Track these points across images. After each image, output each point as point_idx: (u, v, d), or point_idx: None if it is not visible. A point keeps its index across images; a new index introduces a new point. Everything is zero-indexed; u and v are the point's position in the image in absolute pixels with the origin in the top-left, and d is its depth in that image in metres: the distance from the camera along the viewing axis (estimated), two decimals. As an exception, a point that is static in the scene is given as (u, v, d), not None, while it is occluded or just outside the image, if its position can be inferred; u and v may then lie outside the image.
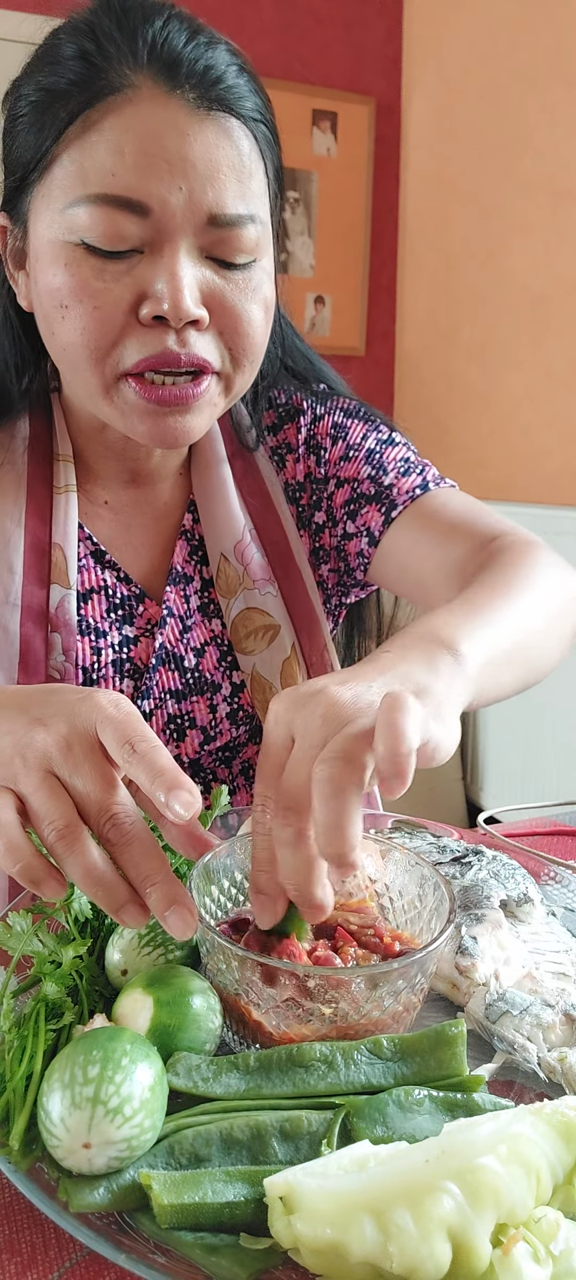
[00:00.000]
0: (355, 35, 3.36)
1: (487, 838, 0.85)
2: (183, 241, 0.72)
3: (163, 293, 0.71)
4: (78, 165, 0.71)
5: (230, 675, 0.91)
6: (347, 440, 0.95)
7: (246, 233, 0.74)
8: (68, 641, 0.83)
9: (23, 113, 0.75)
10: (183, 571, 0.91)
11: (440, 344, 3.38)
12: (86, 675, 0.85)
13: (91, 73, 0.71)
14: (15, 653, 0.82)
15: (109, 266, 0.71)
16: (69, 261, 0.72)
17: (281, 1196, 0.42)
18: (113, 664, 0.86)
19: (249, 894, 0.58)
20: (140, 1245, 0.43)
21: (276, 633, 0.91)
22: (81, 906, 0.58)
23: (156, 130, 0.70)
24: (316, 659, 0.93)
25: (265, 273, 0.78)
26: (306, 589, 0.94)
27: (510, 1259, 0.40)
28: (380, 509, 0.91)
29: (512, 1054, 0.56)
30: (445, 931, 0.55)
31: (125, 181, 0.70)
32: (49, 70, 0.73)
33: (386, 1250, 0.40)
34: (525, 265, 2.92)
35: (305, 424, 0.96)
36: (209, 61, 0.72)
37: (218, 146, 0.72)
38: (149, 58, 0.71)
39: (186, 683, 0.89)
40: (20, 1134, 0.46)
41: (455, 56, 3.21)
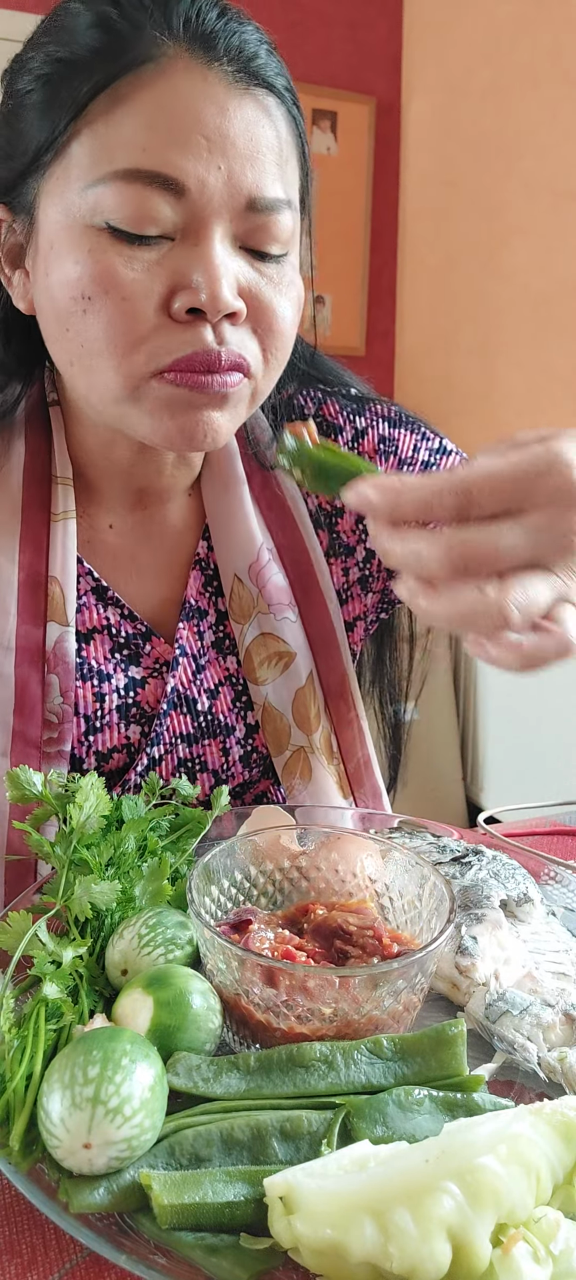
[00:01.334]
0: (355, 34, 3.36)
1: (487, 838, 0.84)
2: (219, 227, 0.66)
3: (199, 283, 0.65)
4: (102, 141, 0.64)
5: (244, 716, 0.86)
6: (399, 454, 0.89)
7: (283, 219, 0.69)
8: (66, 683, 0.77)
9: (28, 89, 0.68)
10: (196, 605, 0.85)
11: (440, 344, 3.38)
12: (89, 723, 0.80)
13: (116, 41, 0.64)
14: (10, 696, 0.76)
15: (138, 254, 0.65)
16: (93, 248, 0.65)
17: (281, 1197, 0.42)
18: (118, 709, 0.80)
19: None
20: (141, 1246, 0.43)
21: (291, 661, 0.85)
22: (81, 906, 0.58)
23: (194, 104, 0.64)
24: (335, 685, 0.89)
25: (295, 269, 0.74)
26: (328, 614, 0.88)
27: (510, 1259, 0.40)
28: None
29: (512, 1054, 0.56)
30: (445, 931, 0.55)
31: (159, 156, 0.63)
32: (62, 40, 0.66)
33: (386, 1250, 0.40)
34: (526, 265, 2.92)
35: (345, 444, 0.89)
36: (244, 36, 0.67)
37: (257, 124, 0.67)
38: (184, 28, 0.65)
39: (199, 726, 0.83)
40: (20, 1134, 0.46)
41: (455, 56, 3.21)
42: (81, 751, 0.80)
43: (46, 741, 0.77)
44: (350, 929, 0.61)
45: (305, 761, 0.86)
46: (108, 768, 0.81)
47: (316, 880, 0.67)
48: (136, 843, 0.65)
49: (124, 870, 0.63)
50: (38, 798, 0.65)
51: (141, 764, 0.81)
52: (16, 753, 0.76)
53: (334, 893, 0.66)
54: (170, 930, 0.57)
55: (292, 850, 0.67)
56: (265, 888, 0.66)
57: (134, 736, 0.82)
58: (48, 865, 0.72)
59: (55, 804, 0.65)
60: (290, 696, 0.86)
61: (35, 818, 0.66)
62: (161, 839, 0.69)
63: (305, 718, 0.86)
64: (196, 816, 0.72)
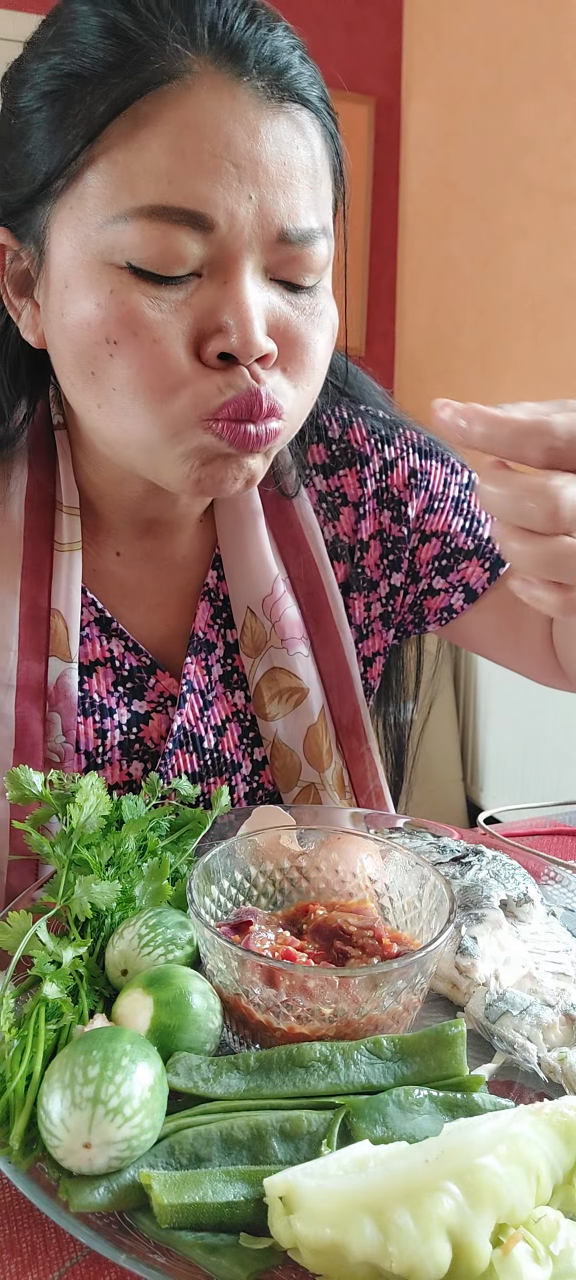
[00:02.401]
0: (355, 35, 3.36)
1: (487, 838, 0.85)
2: (249, 260, 0.61)
3: (230, 326, 0.61)
4: (122, 170, 0.59)
5: (251, 753, 0.83)
6: (430, 490, 0.86)
7: (317, 250, 0.64)
8: (68, 721, 0.75)
9: (35, 107, 0.62)
10: (204, 638, 0.82)
11: (440, 345, 3.38)
12: (90, 760, 0.77)
13: (134, 54, 0.58)
14: (10, 735, 0.73)
15: (164, 294, 0.60)
16: (115, 289, 0.60)
17: (281, 1196, 0.42)
18: (120, 745, 0.78)
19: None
20: (140, 1245, 0.43)
21: (303, 697, 0.82)
22: (81, 906, 0.58)
23: (222, 125, 0.58)
24: (347, 721, 0.86)
25: (327, 293, 0.69)
26: (342, 648, 0.85)
27: (510, 1259, 0.40)
28: (483, 564, 0.85)
29: (512, 1054, 0.56)
30: (445, 931, 0.55)
31: (185, 189, 0.58)
32: (70, 50, 0.60)
33: (386, 1250, 0.40)
34: (525, 267, 2.92)
35: (371, 475, 0.86)
36: (274, 44, 0.61)
37: (291, 145, 0.61)
38: (210, 38, 0.59)
39: (205, 764, 0.81)
40: (20, 1134, 0.46)
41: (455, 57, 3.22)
42: None
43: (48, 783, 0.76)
44: (350, 929, 0.61)
45: (315, 798, 0.85)
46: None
47: (316, 880, 0.67)
48: (136, 843, 0.65)
49: (124, 870, 0.63)
50: (38, 798, 0.65)
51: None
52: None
53: (334, 893, 0.66)
54: (170, 930, 0.57)
55: (293, 850, 0.67)
56: (265, 888, 0.66)
57: (136, 773, 0.79)
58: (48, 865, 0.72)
59: (55, 804, 0.65)
60: (301, 733, 0.83)
61: (35, 818, 0.66)
62: (161, 839, 0.69)
63: (317, 755, 0.84)
64: (196, 816, 0.72)
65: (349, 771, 0.87)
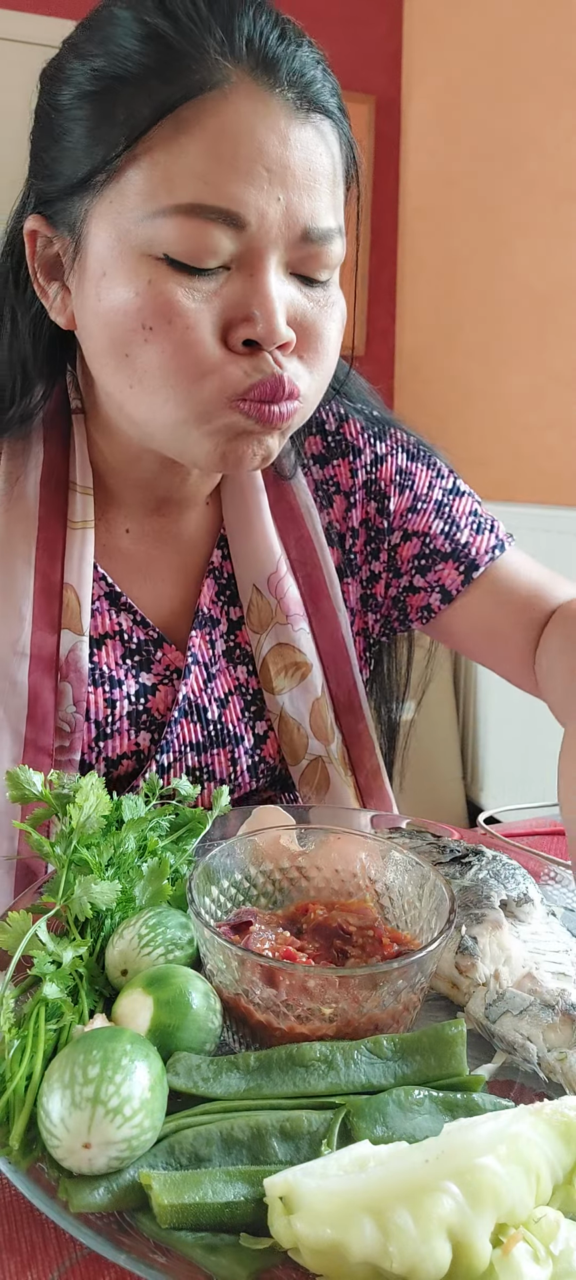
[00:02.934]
0: (355, 33, 3.36)
1: (487, 838, 0.85)
2: (273, 257, 0.66)
3: (257, 316, 0.66)
4: (162, 170, 0.63)
5: (253, 726, 0.86)
6: (415, 490, 0.91)
7: (333, 248, 0.70)
8: (78, 691, 0.77)
9: (75, 106, 0.66)
10: (209, 614, 0.85)
11: (440, 343, 3.38)
12: (99, 729, 0.80)
13: (174, 60, 0.62)
14: (23, 704, 0.76)
15: (198, 284, 0.65)
16: (153, 278, 0.65)
17: (281, 1196, 0.42)
18: (128, 716, 0.81)
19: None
20: (140, 1245, 0.43)
21: (308, 671, 0.86)
22: (81, 906, 0.58)
23: (257, 133, 0.63)
24: (345, 699, 0.90)
25: (338, 286, 0.74)
26: (340, 628, 0.89)
27: (510, 1259, 0.40)
28: (458, 567, 0.89)
29: (512, 1054, 0.56)
30: (445, 931, 0.55)
31: (221, 190, 0.63)
32: (108, 54, 0.64)
33: (386, 1250, 0.40)
34: (527, 265, 2.92)
35: (363, 466, 0.90)
36: (303, 59, 0.66)
37: (315, 152, 0.67)
38: (248, 51, 0.63)
39: (208, 735, 0.84)
40: (20, 1134, 0.46)
41: (456, 54, 3.21)
42: (91, 758, 0.80)
43: (58, 750, 0.78)
44: (350, 929, 0.61)
45: (323, 772, 0.87)
46: (116, 774, 0.82)
47: (316, 880, 0.67)
48: (136, 843, 0.65)
49: (124, 870, 0.63)
50: (38, 798, 0.65)
51: (150, 771, 0.81)
52: (28, 760, 0.76)
53: (334, 893, 0.66)
54: (170, 930, 0.57)
55: (293, 850, 0.67)
56: (265, 888, 0.66)
57: (144, 743, 0.82)
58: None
59: (55, 804, 0.65)
60: (307, 707, 0.86)
61: (35, 818, 0.66)
62: (161, 839, 0.69)
63: (322, 728, 0.87)
64: (196, 816, 0.72)
65: (347, 748, 0.90)
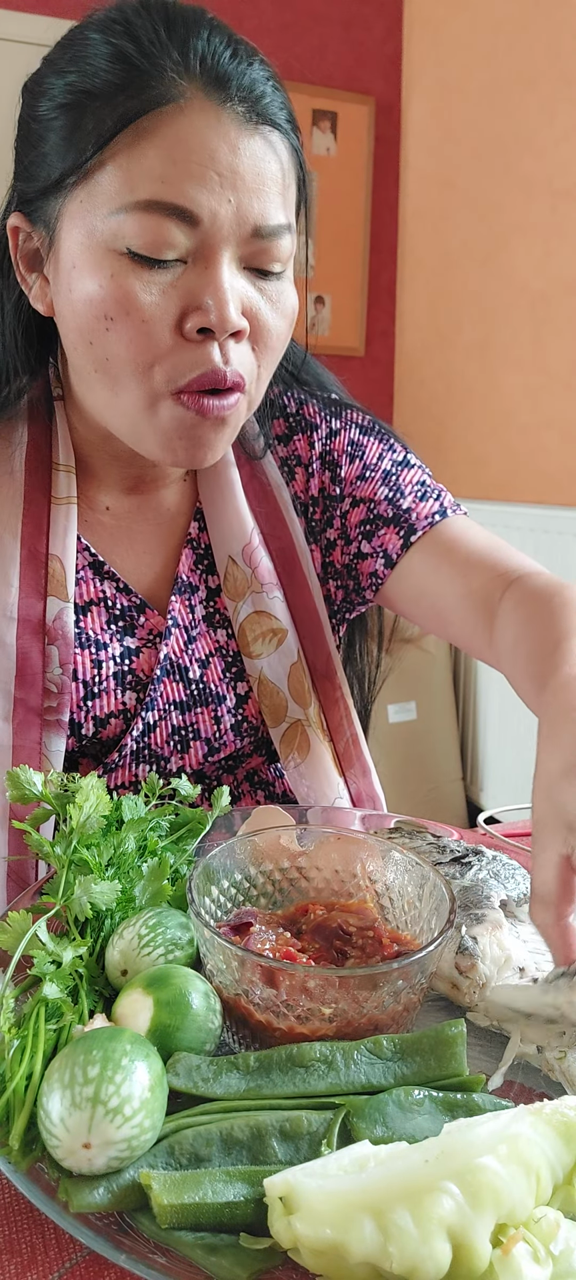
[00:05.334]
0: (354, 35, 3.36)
1: (487, 838, 0.85)
2: (226, 252, 0.72)
3: (209, 306, 0.71)
4: (124, 172, 0.70)
5: (235, 686, 0.90)
6: (364, 460, 0.95)
7: (283, 243, 0.75)
8: (64, 654, 0.82)
9: (52, 116, 0.73)
10: (188, 581, 0.90)
11: (439, 344, 3.38)
12: (87, 689, 0.84)
13: (136, 78, 0.70)
14: (12, 665, 0.81)
15: (155, 277, 0.71)
16: (115, 272, 0.71)
17: (281, 1196, 0.42)
18: (114, 676, 0.85)
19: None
20: (140, 1245, 0.43)
21: (284, 637, 0.91)
22: (81, 906, 0.58)
23: (209, 142, 0.70)
24: (321, 665, 0.94)
25: (290, 282, 0.79)
26: (312, 595, 0.93)
27: (510, 1259, 0.40)
28: (398, 532, 0.92)
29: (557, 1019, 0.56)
30: (445, 931, 0.55)
31: (177, 189, 0.69)
32: (80, 71, 0.72)
33: (386, 1250, 0.40)
34: (524, 265, 2.92)
35: (319, 439, 0.96)
36: (252, 76, 0.73)
37: (264, 159, 0.73)
38: (200, 69, 0.70)
39: (191, 694, 0.88)
40: (20, 1134, 0.46)
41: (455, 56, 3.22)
42: (80, 716, 0.84)
43: (46, 710, 0.82)
44: (350, 929, 0.61)
45: (303, 735, 0.92)
46: (105, 734, 0.85)
47: (316, 880, 0.67)
48: (136, 843, 0.65)
49: (124, 870, 0.63)
50: (38, 798, 0.65)
51: (137, 729, 0.85)
52: (18, 719, 0.81)
53: (334, 893, 0.66)
54: (170, 930, 0.57)
55: (293, 850, 0.67)
56: (265, 888, 0.66)
57: (130, 702, 0.86)
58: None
59: (55, 804, 0.65)
60: (285, 671, 0.91)
61: (35, 818, 0.66)
62: (161, 839, 0.69)
63: (300, 692, 0.92)
64: (196, 816, 0.72)
65: (325, 714, 0.94)
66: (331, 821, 0.84)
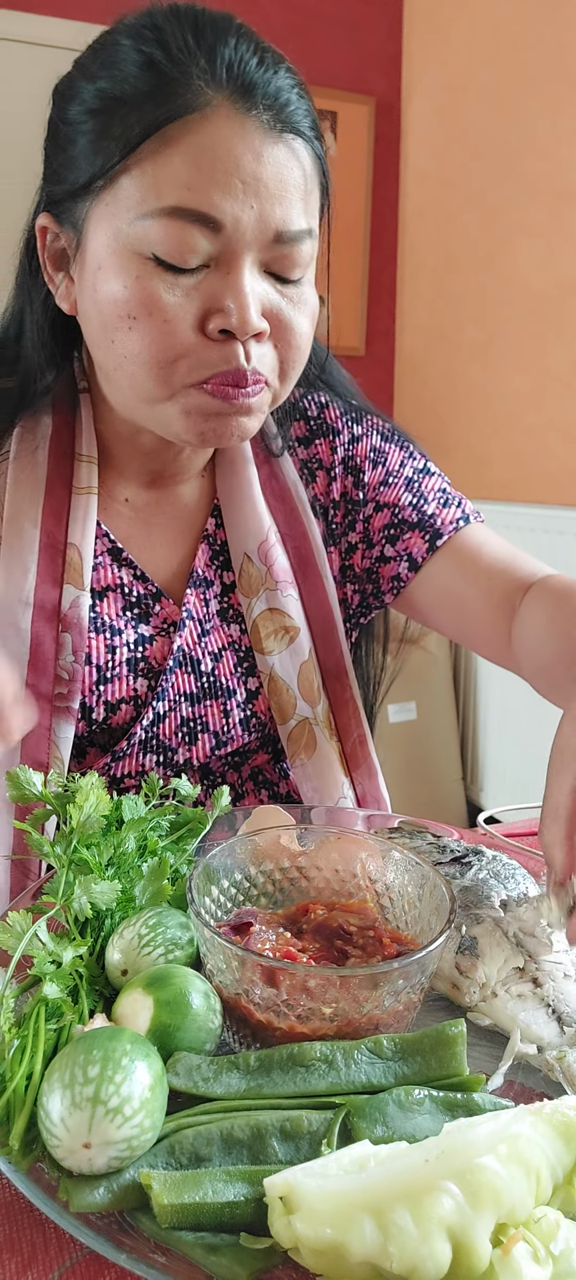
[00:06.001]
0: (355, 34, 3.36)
1: (487, 838, 0.85)
2: (248, 257, 0.74)
3: (231, 308, 0.73)
4: (151, 178, 0.71)
5: (245, 681, 0.91)
6: (387, 466, 0.97)
7: (304, 248, 0.77)
8: (77, 642, 0.83)
9: (80, 120, 0.75)
10: (203, 575, 0.92)
11: (440, 344, 3.38)
12: (100, 673, 0.85)
13: (164, 85, 0.71)
14: (25, 650, 0.82)
15: (179, 280, 0.73)
16: (140, 274, 0.73)
17: (281, 1196, 0.42)
18: (127, 662, 0.87)
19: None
20: (140, 1245, 0.43)
21: (296, 635, 0.92)
22: (82, 906, 0.58)
23: (233, 150, 0.71)
24: (332, 665, 0.95)
25: (311, 285, 0.81)
26: (327, 595, 0.95)
27: (510, 1259, 0.40)
28: (424, 536, 0.94)
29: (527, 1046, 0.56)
30: (445, 931, 0.55)
31: (201, 196, 0.71)
32: (111, 76, 0.73)
33: (386, 1250, 0.40)
34: (526, 266, 2.92)
35: (341, 444, 0.98)
36: (278, 84, 0.74)
37: (287, 166, 0.74)
38: (227, 77, 0.72)
39: (202, 687, 0.89)
40: (20, 1134, 0.46)
41: (456, 56, 3.21)
42: (92, 700, 0.85)
43: (56, 696, 0.83)
44: (350, 929, 0.61)
45: (310, 733, 0.93)
46: (115, 719, 0.86)
47: (316, 880, 0.67)
48: (136, 843, 0.65)
49: (124, 870, 0.63)
50: (38, 798, 0.65)
51: (147, 718, 0.86)
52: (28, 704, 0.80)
53: (334, 893, 0.66)
54: (170, 930, 0.57)
55: (293, 850, 0.67)
56: (265, 888, 0.66)
57: (141, 689, 0.87)
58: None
59: (55, 804, 0.65)
60: (295, 669, 0.92)
61: (35, 818, 0.66)
62: (161, 839, 0.69)
63: (310, 691, 0.93)
64: (196, 816, 0.72)
65: (333, 713, 0.95)
66: (334, 821, 0.84)
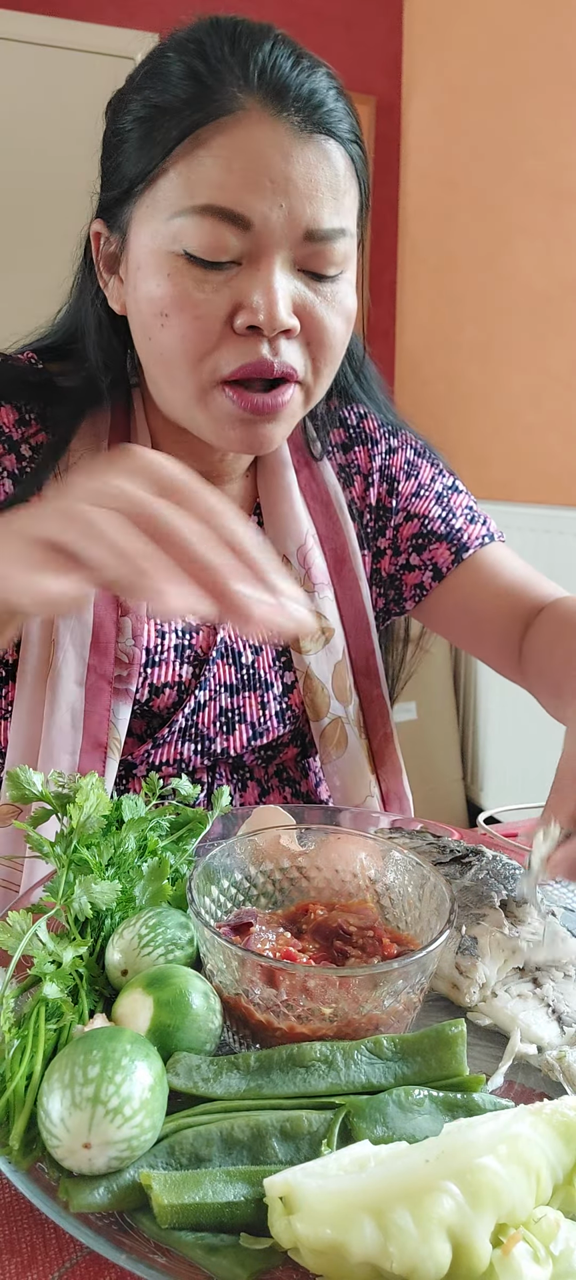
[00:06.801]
0: (355, 34, 3.36)
1: (487, 838, 0.85)
2: (279, 255, 0.75)
3: (259, 305, 0.75)
4: (184, 179, 0.74)
5: (282, 675, 0.95)
6: (419, 479, 1.02)
7: (338, 246, 0.78)
8: (136, 627, 0.87)
9: (129, 128, 0.78)
10: None
11: (441, 344, 3.38)
12: (149, 656, 0.89)
13: (202, 92, 0.74)
14: (88, 632, 0.85)
15: (209, 277, 0.75)
16: (172, 272, 0.75)
17: (281, 1196, 0.42)
18: (175, 649, 0.90)
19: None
20: (140, 1245, 0.43)
21: (331, 635, 0.95)
22: (81, 906, 0.58)
23: (263, 151, 0.73)
24: (363, 664, 0.98)
25: (349, 284, 0.82)
26: (361, 596, 0.98)
27: (510, 1259, 0.40)
28: (450, 548, 0.99)
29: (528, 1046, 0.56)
30: (445, 931, 0.55)
31: (231, 195, 0.73)
32: (158, 88, 0.76)
33: (386, 1250, 0.40)
34: (526, 265, 2.92)
35: (379, 453, 1.02)
36: (312, 85, 0.76)
37: (317, 166, 0.75)
38: (259, 81, 0.74)
39: (241, 678, 0.93)
40: (20, 1134, 0.46)
41: (456, 55, 3.21)
42: (137, 682, 0.87)
43: (116, 678, 0.86)
44: (350, 929, 0.61)
45: (342, 732, 0.96)
46: (157, 703, 0.90)
47: (316, 880, 0.67)
48: (136, 843, 0.65)
49: (124, 870, 0.63)
50: (38, 798, 0.65)
51: (189, 705, 0.89)
52: (91, 684, 0.85)
53: (334, 893, 0.66)
54: (170, 930, 0.57)
55: (293, 850, 0.67)
56: (265, 888, 0.66)
57: (185, 676, 0.91)
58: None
59: (55, 804, 0.65)
60: (330, 669, 0.95)
61: (35, 818, 0.66)
62: (161, 839, 0.69)
63: (343, 690, 0.96)
64: (196, 816, 0.72)
65: (363, 711, 0.98)
66: (331, 821, 0.84)
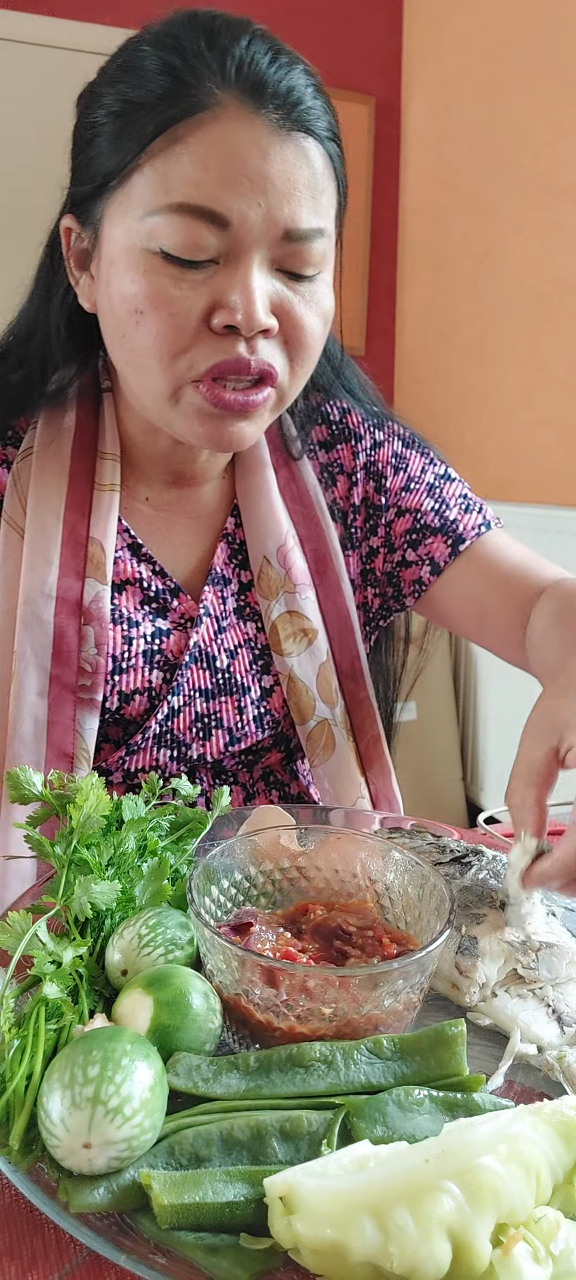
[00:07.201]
0: (354, 34, 3.36)
1: (487, 838, 0.85)
2: (256, 254, 0.74)
3: (236, 304, 0.73)
4: (160, 176, 0.72)
5: (260, 679, 0.93)
6: (408, 471, 0.99)
7: (316, 246, 0.77)
8: (100, 635, 0.85)
9: (102, 122, 0.76)
10: (222, 573, 0.93)
11: (439, 342, 3.38)
12: (115, 663, 0.86)
13: (178, 88, 0.72)
14: (49, 642, 0.84)
15: (187, 275, 0.74)
16: (147, 269, 0.74)
17: (281, 1196, 0.42)
18: (143, 654, 0.88)
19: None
20: (141, 1246, 0.43)
21: (314, 637, 0.93)
22: (81, 906, 0.58)
23: (241, 148, 0.72)
24: (348, 666, 0.96)
25: (326, 284, 0.81)
26: (344, 598, 0.96)
27: (510, 1259, 0.40)
28: (446, 541, 0.96)
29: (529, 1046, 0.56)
30: (445, 931, 0.55)
31: (208, 193, 0.72)
32: (132, 82, 0.74)
33: (386, 1250, 0.40)
34: (523, 264, 2.92)
35: (363, 449, 0.99)
36: (290, 83, 0.74)
37: (296, 165, 0.74)
38: (236, 77, 0.72)
39: (217, 683, 0.90)
40: (20, 1134, 0.46)
41: (454, 55, 3.21)
42: (106, 690, 0.86)
43: (80, 688, 0.84)
44: (350, 929, 0.61)
45: (329, 734, 0.94)
46: (128, 710, 0.87)
47: (316, 880, 0.67)
48: (136, 843, 0.65)
49: (124, 870, 0.63)
50: (38, 798, 0.65)
51: (162, 712, 0.87)
52: (53, 695, 0.83)
53: (334, 893, 0.66)
54: (170, 930, 0.57)
55: (293, 850, 0.67)
56: (265, 888, 0.66)
57: (156, 682, 0.88)
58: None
59: (55, 804, 0.65)
60: (314, 671, 0.93)
61: (35, 818, 0.66)
62: (161, 839, 0.69)
63: (328, 692, 0.94)
64: (196, 816, 0.72)
65: (350, 713, 0.96)
66: (331, 821, 0.84)
